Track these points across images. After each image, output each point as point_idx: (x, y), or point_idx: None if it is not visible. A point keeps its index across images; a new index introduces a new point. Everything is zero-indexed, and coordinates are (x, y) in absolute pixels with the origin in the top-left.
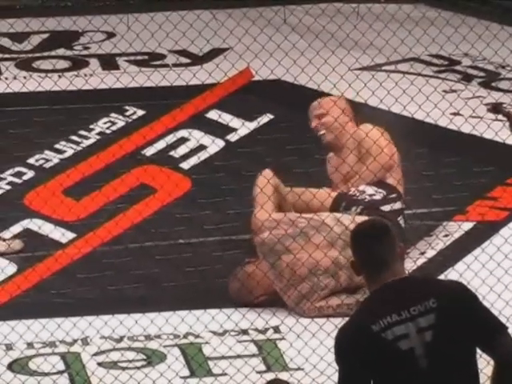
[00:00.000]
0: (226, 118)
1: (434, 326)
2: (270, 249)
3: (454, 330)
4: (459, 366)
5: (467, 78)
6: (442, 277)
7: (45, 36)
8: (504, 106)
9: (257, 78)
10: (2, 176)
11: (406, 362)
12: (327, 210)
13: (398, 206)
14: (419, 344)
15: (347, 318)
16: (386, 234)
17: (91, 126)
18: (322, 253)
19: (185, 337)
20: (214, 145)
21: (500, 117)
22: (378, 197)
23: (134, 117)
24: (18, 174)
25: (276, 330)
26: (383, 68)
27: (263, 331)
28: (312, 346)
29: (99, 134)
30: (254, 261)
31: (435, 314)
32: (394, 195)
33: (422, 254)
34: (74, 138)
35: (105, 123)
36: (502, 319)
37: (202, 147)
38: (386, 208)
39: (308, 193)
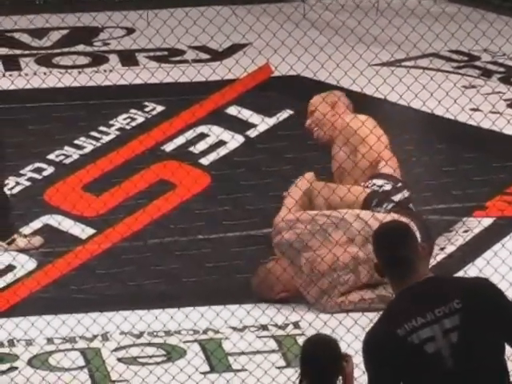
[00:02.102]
0: (246, 114)
1: (459, 326)
2: (288, 247)
3: (479, 328)
4: (487, 364)
5: (487, 74)
6: (461, 272)
7: (64, 32)
8: None
9: (276, 73)
10: (21, 172)
11: (433, 364)
12: (360, 206)
13: (406, 194)
14: (446, 346)
15: (367, 314)
16: (408, 235)
17: (111, 122)
18: (341, 249)
19: (204, 332)
20: (234, 140)
21: None
22: (387, 187)
23: (154, 113)
24: (38, 170)
25: (296, 325)
26: (403, 63)
27: (283, 327)
28: None
29: (119, 129)
30: (273, 258)
31: (460, 315)
32: (400, 184)
33: (442, 249)
34: (94, 133)
35: (124, 119)
36: None
37: (221, 143)
38: (398, 197)
39: (343, 188)
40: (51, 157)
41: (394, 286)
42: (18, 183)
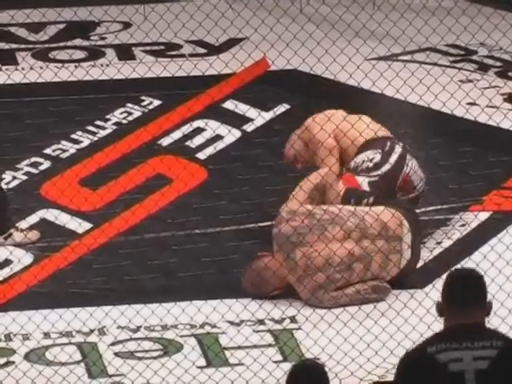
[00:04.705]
0: (243, 108)
1: (494, 358)
2: (285, 240)
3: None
4: None
5: (483, 68)
6: (458, 266)
7: (61, 26)
8: None
9: (273, 68)
10: (18, 166)
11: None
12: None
13: (399, 150)
14: (471, 369)
15: (364, 308)
16: (481, 284)
17: (107, 116)
18: (337, 244)
19: (201, 327)
20: (231, 135)
21: None
22: (377, 158)
23: (151, 107)
24: (35, 164)
25: (292, 319)
26: (399, 58)
27: (280, 321)
28: (328, 335)
29: (115, 124)
30: (267, 254)
31: (498, 351)
32: (388, 145)
33: (439, 243)
34: (91, 128)
35: (121, 113)
36: None
37: (218, 137)
38: (394, 157)
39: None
40: (48, 151)
41: (446, 321)
42: (14, 177)
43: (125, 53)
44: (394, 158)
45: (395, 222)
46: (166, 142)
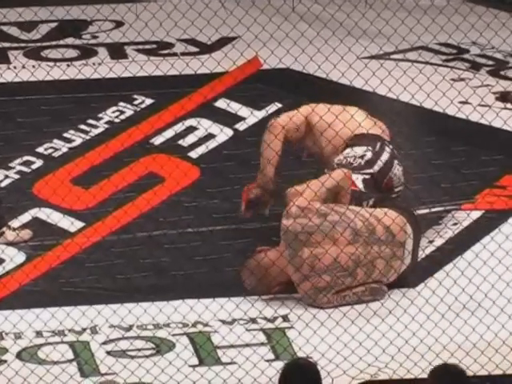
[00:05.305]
0: (235, 107)
1: None
2: (293, 237)
3: None
4: None
5: (476, 67)
6: (450, 265)
7: (53, 25)
8: None
9: (265, 66)
10: (10, 165)
11: None
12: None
13: (389, 150)
14: None
15: (356, 307)
16: (465, 380)
17: (100, 115)
18: (343, 249)
19: (193, 325)
20: (223, 134)
21: (509, 105)
22: (368, 155)
23: (143, 106)
24: (27, 163)
25: (285, 318)
26: (392, 56)
27: (272, 320)
28: (320, 334)
29: (108, 122)
30: (265, 249)
31: None
32: (378, 144)
33: (431, 242)
34: (83, 126)
35: (113, 112)
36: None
37: (210, 136)
38: (385, 157)
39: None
40: (40, 150)
41: None
42: (6, 176)
43: (117, 51)
44: (384, 158)
45: (399, 227)
46: (158, 140)
